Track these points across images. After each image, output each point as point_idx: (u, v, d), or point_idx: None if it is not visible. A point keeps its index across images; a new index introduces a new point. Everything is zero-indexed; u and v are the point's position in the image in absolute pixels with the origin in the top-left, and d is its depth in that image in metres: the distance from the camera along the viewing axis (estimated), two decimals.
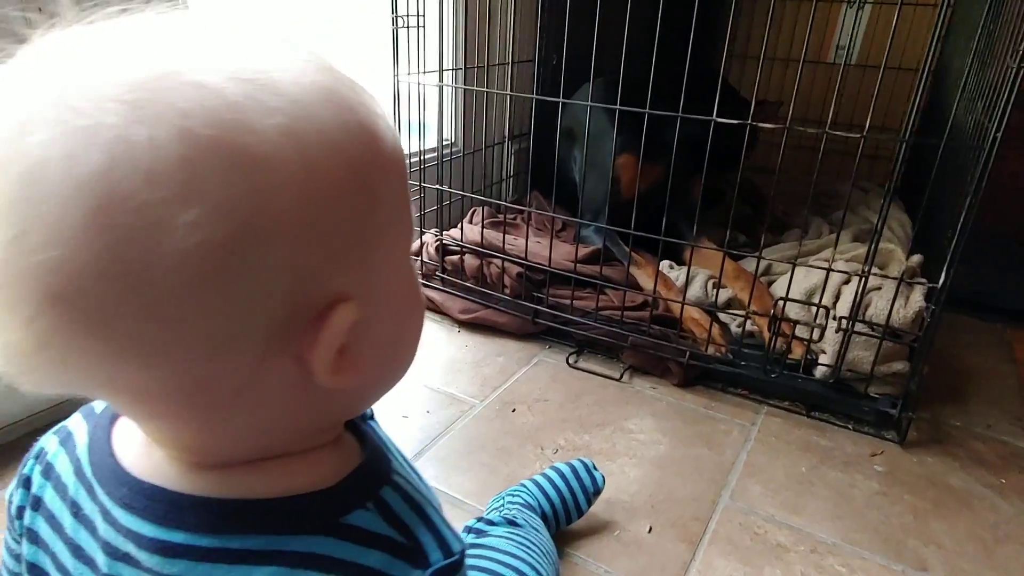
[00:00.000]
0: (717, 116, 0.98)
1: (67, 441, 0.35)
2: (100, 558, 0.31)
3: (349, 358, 0.29)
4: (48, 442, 0.36)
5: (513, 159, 1.81)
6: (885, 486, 0.92)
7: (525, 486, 0.77)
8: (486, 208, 1.55)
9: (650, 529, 0.82)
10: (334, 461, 0.33)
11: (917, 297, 1.02)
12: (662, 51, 1.03)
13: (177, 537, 0.29)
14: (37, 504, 0.35)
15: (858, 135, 0.90)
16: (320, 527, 0.30)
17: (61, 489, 0.34)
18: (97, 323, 0.24)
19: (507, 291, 1.25)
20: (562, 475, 0.78)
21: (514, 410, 1.04)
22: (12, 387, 0.26)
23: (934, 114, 1.97)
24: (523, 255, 1.24)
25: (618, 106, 1.08)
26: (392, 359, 0.34)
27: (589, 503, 0.79)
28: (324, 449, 0.33)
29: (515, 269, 1.24)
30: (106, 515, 0.31)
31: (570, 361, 1.19)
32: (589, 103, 1.17)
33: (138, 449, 0.32)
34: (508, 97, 1.66)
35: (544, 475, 0.79)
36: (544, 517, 0.75)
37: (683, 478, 0.91)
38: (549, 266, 1.21)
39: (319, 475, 0.32)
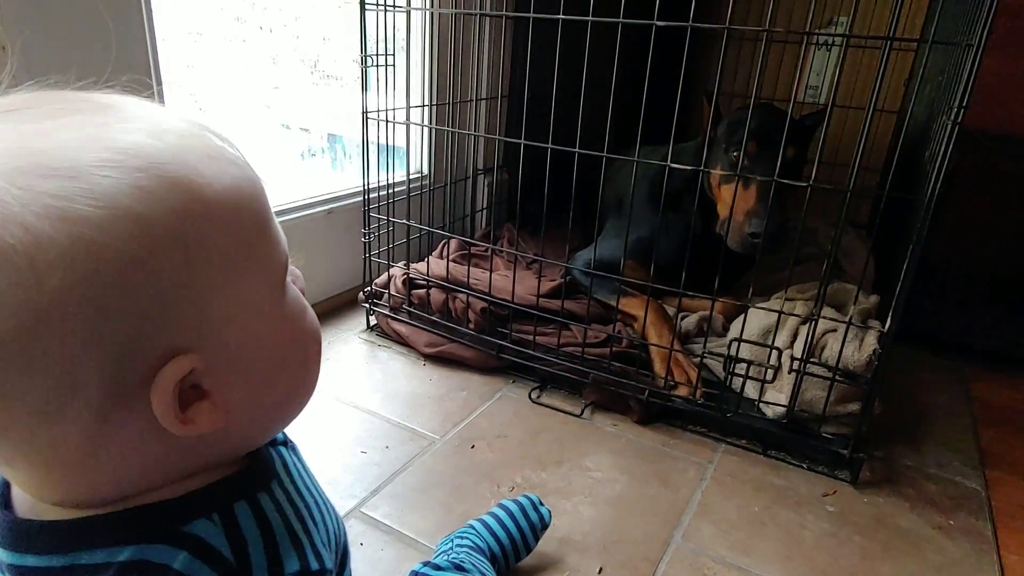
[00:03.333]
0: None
1: None
2: None
3: (212, 402, 0.30)
4: None
5: (486, 191, 1.84)
6: (836, 526, 0.93)
7: (473, 527, 0.78)
8: (455, 241, 1.57)
9: (600, 570, 0.82)
10: (198, 481, 0.34)
11: (871, 340, 1.04)
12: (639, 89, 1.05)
13: (29, 561, 0.31)
14: None
15: (842, 189, 0.92)
16: (158, 536, 0.31)
17: None
18: None
19: (471, 326, 1.26)
20: (509, 513, 0.79)
21: (473, 446, 1.05)
22: None
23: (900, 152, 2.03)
24: (487, 290, 1.26)
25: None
26: (271, 394, 0.35)
27: (536, 539, 0.80)
28: (198, 476, 0.34)
29: (479, 304, 1.25)
30: None
31: (532, 397, 1.20)
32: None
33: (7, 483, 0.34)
34: (481, 132, 1.70)
35: (491, 514, 0.79)
36: (493, 558, 0.76)
37: (637, 517, 0.92)
38: (512, 301, 1.23)
39: (174, 491, 0.33)
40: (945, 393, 1.33)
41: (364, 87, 1.26)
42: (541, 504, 0.81)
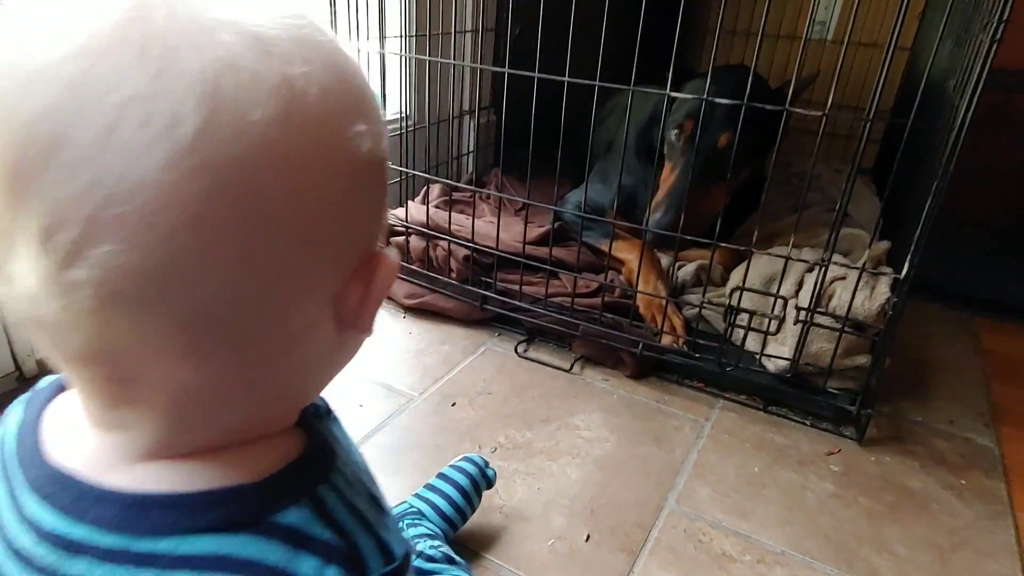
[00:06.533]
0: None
1: (8, 416, 0.32)
2: None
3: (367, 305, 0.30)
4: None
5: (472, 134, 1.73)
6: (840, 488, 0.87)
7: (423, 514, 0.70)
8: (438, 186, 1.47)
9: (588, 537, 0.76)
10: (270, 454, 0.30)
11: (883, 288, 0.96)
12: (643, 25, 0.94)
13: (78, 532, 0.26)
14: None
15: (819, 113, 0.83)
16: (243, 525, 0.26)
17: None
18: (261, 222, 0.24)
19: (454, 275, 1.18)
20: (460, 489, 0.72)
21: (454, 404, 0.98)
22: None
23: (911, 92, 1.92)
24: (471, 237, 1.17)
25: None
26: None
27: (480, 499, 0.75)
28: (263, 441, 0.30)
29: (462, 252, 1.16)
30: (13, 499, 0.28)
31: (519, 350, 1.12)
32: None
33: (66, 433, 0.29)
34: (471, 68, 1.58)
35: (442, 494, 0.72)
36: (445, 536, 0.70)
37: (628, 480, 0.85)
38: (497, 248, 1.14)
39: (250, 469, 0.28)
40: (955, 346, 1.26)
41: (333, 15, 1.14)
42: (487, 466, 0.75)
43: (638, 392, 1.04)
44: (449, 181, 1.29)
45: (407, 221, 1.22)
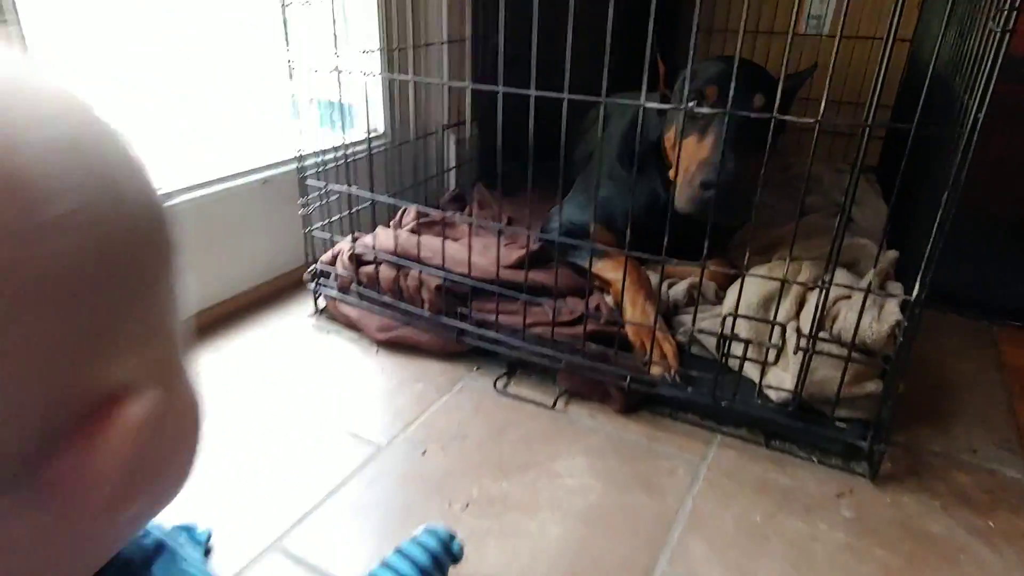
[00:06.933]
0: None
1: None
2: None
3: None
4: None
5: (454, 149, 1.65)
6: (853, 537, 0.78)
7: None
8: (415, 208, 1.39)
9: None
10: None
11: (892, 309, 0.87)
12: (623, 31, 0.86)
13: None
14: None
15: (811, 120, 0.74)
16: None
17: None
18: None
19: (426, 306, 1.10)
20: (420, 569, 0.63)
21: (424, 452, 0.89)
22: None
23: (915, 84, 1.82)
24: (443, 263, 1.08)
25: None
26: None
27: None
28: None
29: (433, 281, 1.08)
30: None
31: (498, 386, 1.04)
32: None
33: None
34: (444, 79, 1.50)
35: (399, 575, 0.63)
36: None
37: (615, 537, 0.77)
38: (469, 275, 1.05)
39: None
40: (973, 360, 1.16)
41: (286, 31, 1.07)
42: (453, 539, 0.66)
43: (628, 429, 0.95)
44: (414, 204, 1.20)
45: (375, 248, 1.14)
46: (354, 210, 1.18)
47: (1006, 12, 0.62)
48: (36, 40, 0.90)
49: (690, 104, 1.05)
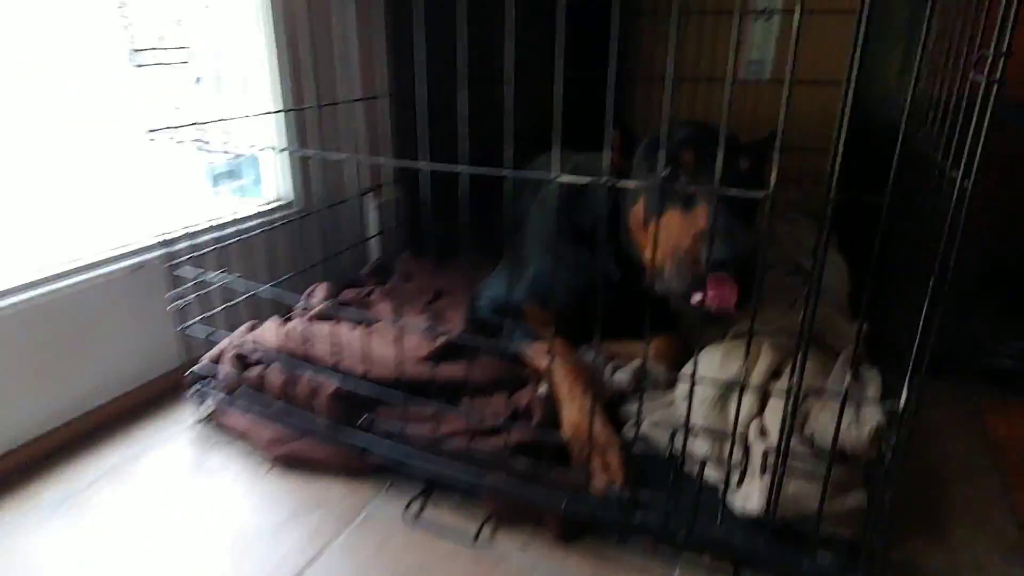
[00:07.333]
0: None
1: None
2: None
3: None
4: None
5: (375, 215, 1.49)
6: None
7: None
8: (328, 284, 1.21)
9: None
10: None
11: (873, 411, 0.73)
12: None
13: None
14: None
15: (761, 193, 0.60)
16: None
17: None
18: None
19: (322, 415, 0.91)
20: None
21: None
22: None
23: (862, 129, 1.75)
24: (344, 361, 0.91)
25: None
26: None
27: None
28: None
29: (329, 386, 0.90)
30: None
31: (411, 512, 0.85)
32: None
33: None
34: (367, 137, 1.35)
35: None
36: None
37: None
38: (369, 377, 0.88)
39: None
40: (960, 440, 1.02)
41: (136, 91, 0.90)
42: None
43: (567, 564, 0.78)
44: (296, 303, 1.03)
45: (259, 346, 0.95)
46: (239, 299, 1.00)
47: (991, 58, 0.49)
48: None
49: (662, 173, 0.91)
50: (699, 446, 0.81)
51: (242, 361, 0.97)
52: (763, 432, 0.77)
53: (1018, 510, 0.88)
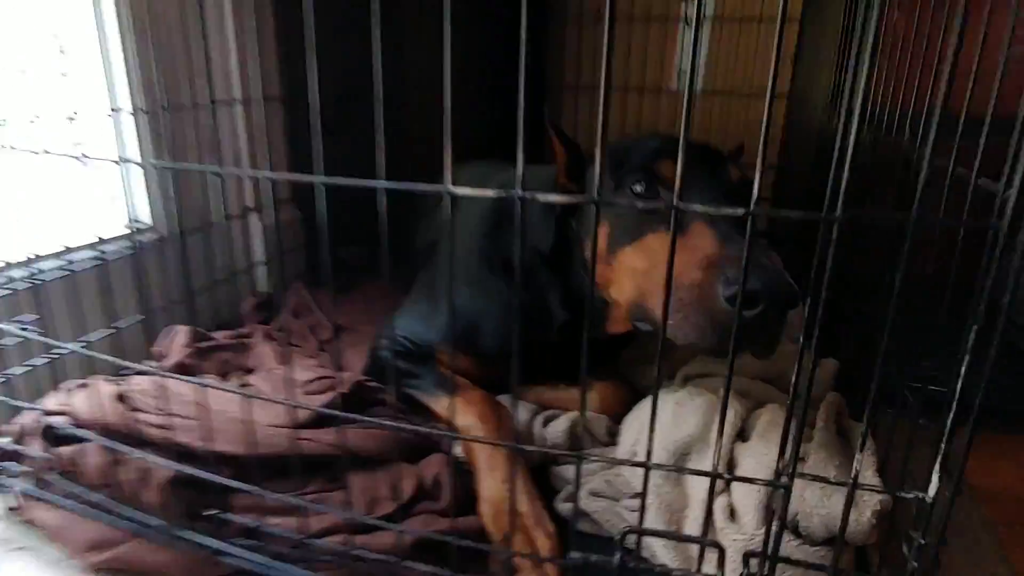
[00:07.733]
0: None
1: None
2: None
3: None
4: None
5: (261, 239, 1.26)
6: None
7: None
8: (190, 329, 0.98)
9: None
10: None
11: (872, 500, 0.57)
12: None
13: None
14: None
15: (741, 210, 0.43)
16: None
17: None
18: None
19: (156, 509, 0.68)
20: None
21: None
22: None
23: (798, 143, 1.66)
24: (186, 438, 0.68)
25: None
26: None
27: None
28: None
29: (162, 474, 0.67)
30: None
31: None
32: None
33: None
34: (247, 152, 1.13)
35: None
36: None
37: None
38: (214, 458, 0.66)
39: None
40: (980, 562, 0.89)
41: None
42: None
43: None
44: (184, 327, 0.80)
45: (75, 419, 0.72)
46: (42, 359, 0.76)
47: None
48: None
49: (635, 187, 0.73)
50: (652, 519, 0.63)
51: (51, 438, 0.73)
52: (733, 514, 0.60)
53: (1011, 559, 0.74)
